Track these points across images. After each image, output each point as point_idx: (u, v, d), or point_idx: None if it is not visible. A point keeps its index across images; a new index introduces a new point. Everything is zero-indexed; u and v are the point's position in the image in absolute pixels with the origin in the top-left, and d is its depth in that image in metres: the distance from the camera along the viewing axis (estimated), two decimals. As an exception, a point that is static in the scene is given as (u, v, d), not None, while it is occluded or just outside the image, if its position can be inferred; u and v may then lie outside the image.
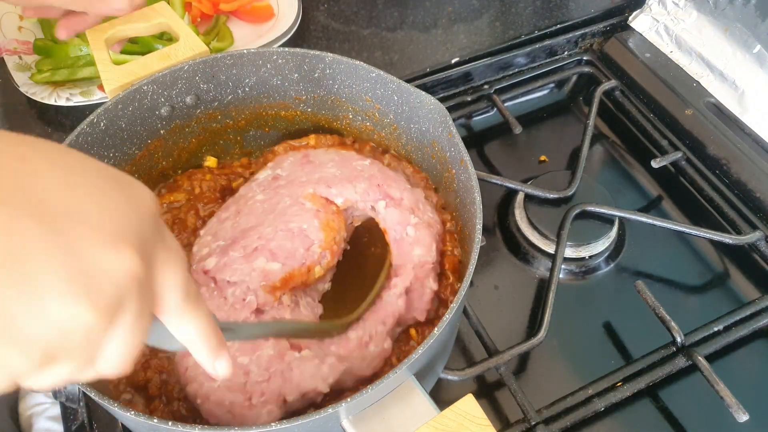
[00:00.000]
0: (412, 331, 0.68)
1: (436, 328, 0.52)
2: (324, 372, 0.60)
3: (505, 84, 1.06)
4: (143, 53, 0.85)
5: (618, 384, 0.74)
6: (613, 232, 0.87)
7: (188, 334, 0.40)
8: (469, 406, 0.50)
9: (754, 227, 0.87)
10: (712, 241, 0.89)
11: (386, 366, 0.65)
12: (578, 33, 1.11)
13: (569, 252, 0.85)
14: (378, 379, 0.51)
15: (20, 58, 0.98)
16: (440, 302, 0.70)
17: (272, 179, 0.75)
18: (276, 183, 0.74)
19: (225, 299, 0.64)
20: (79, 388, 0.70)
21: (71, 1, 0.73)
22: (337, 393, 0.62)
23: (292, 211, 0.69)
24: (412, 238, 0.68)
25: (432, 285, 0.67)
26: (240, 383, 0.59)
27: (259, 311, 0.63)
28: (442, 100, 1.00)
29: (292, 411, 0.61)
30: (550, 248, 0.86)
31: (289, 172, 0.75)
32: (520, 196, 0.91)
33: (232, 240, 0.68)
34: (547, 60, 1.10)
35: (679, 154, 0.95)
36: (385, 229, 0.70)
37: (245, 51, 0.74)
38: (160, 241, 0.37)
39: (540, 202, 0.89)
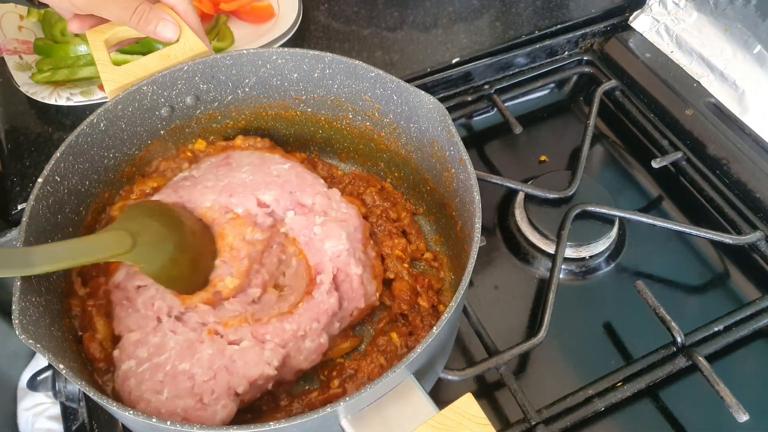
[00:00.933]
0: (394, 335, 0.69)
1: (435, 327, 0.52)
2: (267, 356, 0.62)
3: (505, 84, 1.06)
4: (143, 53, 0.85)
5: (618, 384, 0.74)
6: (614, 232, 0.87)
7: None
8: (468, 405, 0.50)
9: (754, 227, 0.87)
10: (712, 241, 0.89)
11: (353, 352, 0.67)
12: (578, 33, 1.11)
13: (569, 252, 0.85)
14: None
15: (20, 57, 0.98)
16: (381, 286, 0.72)
17: (182, 180, 0.74)
18: (183, 184, 0.73)
19: (138, 311, 0.64)
20: (79, 388, 0.70)
21: (124, 19, 0.72)
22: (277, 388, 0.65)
23: None
24: (320, 235, 0.70)
25: (355, 270, 0.69)
26: (187, 388, 0.59)
27: (177, 318, 0.64)
28: (442, 100, 1.00)
29: (247, 402, 0.62)
30: (550, 248, 0.86)
31: (202, 174, 0.74)
32: (520, 196, 0.91)
33: None
34: (548, 60, 1.10)
35: (679, 154, 0.95)
36: (294, 237, 0.72)
37: (244, 51, 0.74)
38: None
39: (540, 202, 0.89)
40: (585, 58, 1.11)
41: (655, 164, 0.94)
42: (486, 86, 1.05)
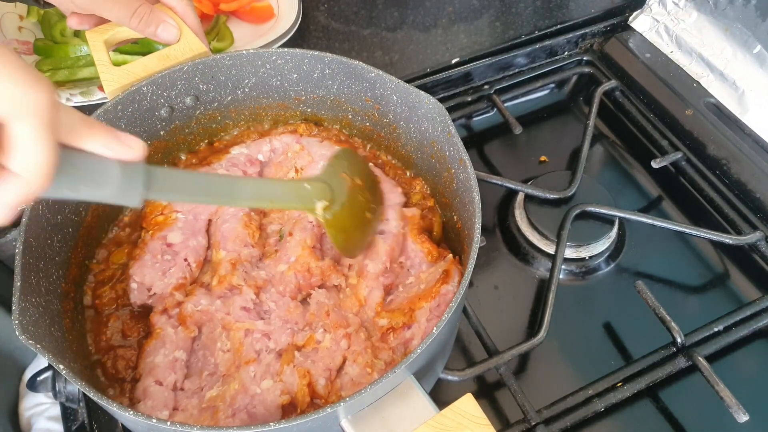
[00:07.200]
0: None
1: (435, 328, 0.52)
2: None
3: (505, 84, 1.06)
4: (143, 53, 0.85)
5: (618, 384, 0.74)
6: (613, 233, 0.87)
7: (95, 145, 0.48)
8: (468, 405, 0.50)
9: (754, 227, 0.87)
10: (712, 241, 0.89)
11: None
12: (578, 33, 1.11)
13: (569, 252, 0.85)
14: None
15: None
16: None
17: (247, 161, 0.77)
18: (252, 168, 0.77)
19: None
20: (79, 389, 0.70)
21: (123, 20, 0.73)
22: None
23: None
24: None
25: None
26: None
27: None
28: (442, 100, 1.00)
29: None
30: (550, 248, 0.86)
31: (281, 151, 0.78)
32: (520, 197, 0.91)
33: None
34: (548, 60, 1.10)
35: (679, 155, 0.95)
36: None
37: (244, 51, 0.74)
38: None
39: (540, 203, 0.89)
40: (585, 58, 1.10)
41: (655, 164, 0.94)
42: (486, 86, 1.05)
